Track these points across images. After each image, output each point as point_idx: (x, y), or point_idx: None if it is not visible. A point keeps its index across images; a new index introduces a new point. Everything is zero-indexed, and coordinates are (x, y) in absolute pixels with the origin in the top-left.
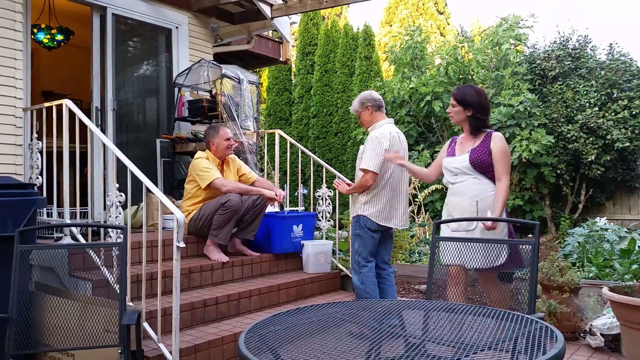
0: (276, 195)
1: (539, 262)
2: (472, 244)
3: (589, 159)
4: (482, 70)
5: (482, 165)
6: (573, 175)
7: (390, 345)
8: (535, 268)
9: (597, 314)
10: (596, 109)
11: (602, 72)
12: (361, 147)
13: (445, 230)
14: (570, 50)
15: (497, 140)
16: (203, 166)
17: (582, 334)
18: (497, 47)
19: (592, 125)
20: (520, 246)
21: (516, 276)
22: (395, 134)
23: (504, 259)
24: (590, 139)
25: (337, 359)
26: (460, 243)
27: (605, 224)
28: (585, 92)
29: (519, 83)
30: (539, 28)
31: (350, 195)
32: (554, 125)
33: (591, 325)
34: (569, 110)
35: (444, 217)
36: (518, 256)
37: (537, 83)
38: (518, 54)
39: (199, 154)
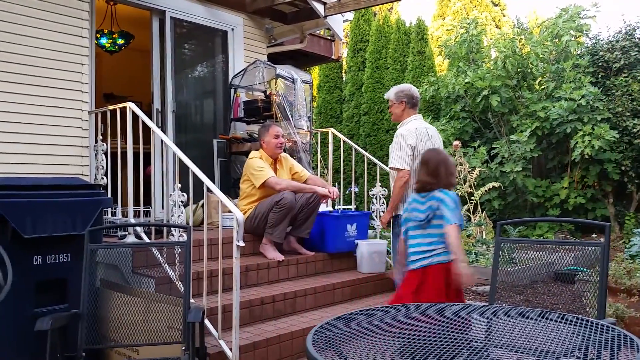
0: (329, 192)
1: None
2: None
3: None
4: (542, 63)
5: None
6: (638, 171)
7: (454, 351)
8: (606, 270)
9: None
10: None
11: None
12: (391, 146)
13: None
14: (637, 40)
15: None
16: (257, 165)
17: None
18: (557, 39)
19: None
20: (587, 248)
21: (579, 278)
22: (422, 129)
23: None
24: None
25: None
26: None
27: None
28: None
29: (581, 76)
30: (602, 18)
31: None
32: (618, 120)
33: None
34: (634, 103)
35: None
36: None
37: (599, 76)
38: (579, 45)
39: (252, 153)
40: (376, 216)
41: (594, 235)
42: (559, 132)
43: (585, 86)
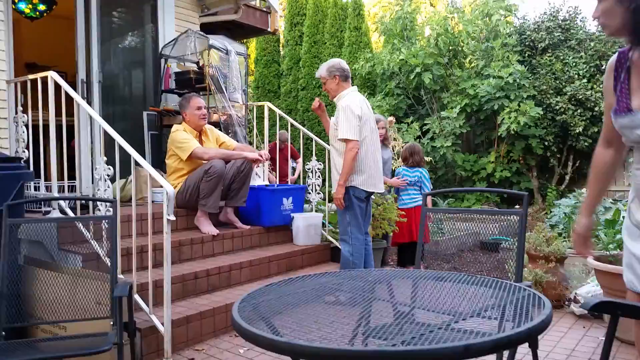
0: (260, 155)
1: (526, 232)
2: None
3: (577, 131)
4: (472, 42)
5: None
6: (560, 147)
7: (380, 313)
8: (523, 238)
9: (582, 283)
10: (585, 80)
11: (592, 44)
12: (331, 119)
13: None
14: (560, 22)
15: None
16: (181, 138)
17: (567, 302)
18: (488, 18)
19: (580, 97)
20: (509, 217)
21: (502, 246)
22: (362, 101)
23: None
24: (579, 110)
25: (328, 327)
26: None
27: None
28: (574, 63)
29: (509, 54)
30: None
31: (333, 169)
32: (542, 97)
33: (576, 293)
34: (557, 82)
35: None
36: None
37: (526, 55)
38: (508, 25)
39: (175, 127)
40: (312, 190)
41: (517, 207)
42: (487, 108)
43: (513, 64)
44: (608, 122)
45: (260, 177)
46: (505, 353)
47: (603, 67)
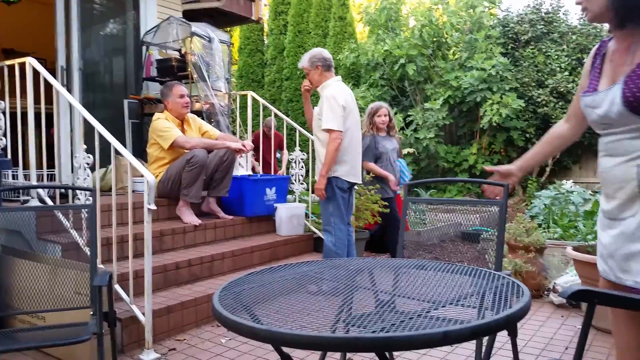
0: (243, 145)
1: (506, 223)
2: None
3: None
4: (456, 33)
5: None
6: None
7: (361, 302)
8: (503, 228)
9: (561, 273)
10: (566, 73)
11: (574, 37)
12: (315, 109)
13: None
14: (543, 14)
15: None
16: (163, 126)
17: (546, 292)
18: (472, 10)
19: (562, 89)
20: (490, 207)
21: (483, 237)
22: (346, 91)
23: None
24: (560, 103)
25: (309, 315)
26: None
27: (571, 186)
28: (556, 56)
29: (492, 47)
30: None
31: (315, 160)
32: (524, 90)
33: (555, 283)
34: (539, 74)
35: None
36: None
37: (509, 47)
38: (492, 17)
39: (156, 115)
40: (295, 180)
41: (497, 198)
42: (469, 100)
43: (496, 56)
44: (575, 101)
45: (244, 167)
46: (485, 342)
47: (584, 61)
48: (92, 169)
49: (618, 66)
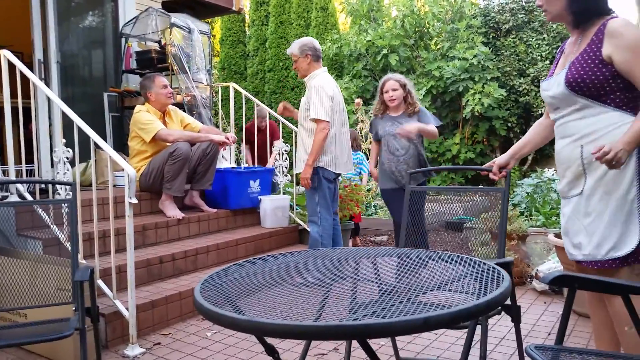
0: (226, 138)
1: (489, 211)
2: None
3: (539, 112)
4: (438, 23)
5: (590, 86)
6: (524, 128)
7: (345, 291)
8: (505, 212)
9: (543, 260)
10: (547, 62)
11: (554, 26)
12: (302, 99)
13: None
14: (524, 3)
15: (619, 28)
16: (145, 119)
17: (528, 279)
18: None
19: (543, 78)
20: (491, 193)
21: (466, 225)
22: (333, 82)
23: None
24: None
25: (293, 306)
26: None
27: (552, 175)
28: (537, 45)
29: (474, 36)
30: None
31: (300, 149)
32: (506, 79)
33: (537, 270)
34: (521, 63)
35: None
36: None
37: (491, 36)
38: (473, 6)
39: (138, 107)
40: (279, 172)
41: (480, 186)
42: (452, 90)
43: (478, 46)
44: None
45: (227, 159)
46: (478, 330)
47: None
48: (72, 163)
49: (567, 55)
